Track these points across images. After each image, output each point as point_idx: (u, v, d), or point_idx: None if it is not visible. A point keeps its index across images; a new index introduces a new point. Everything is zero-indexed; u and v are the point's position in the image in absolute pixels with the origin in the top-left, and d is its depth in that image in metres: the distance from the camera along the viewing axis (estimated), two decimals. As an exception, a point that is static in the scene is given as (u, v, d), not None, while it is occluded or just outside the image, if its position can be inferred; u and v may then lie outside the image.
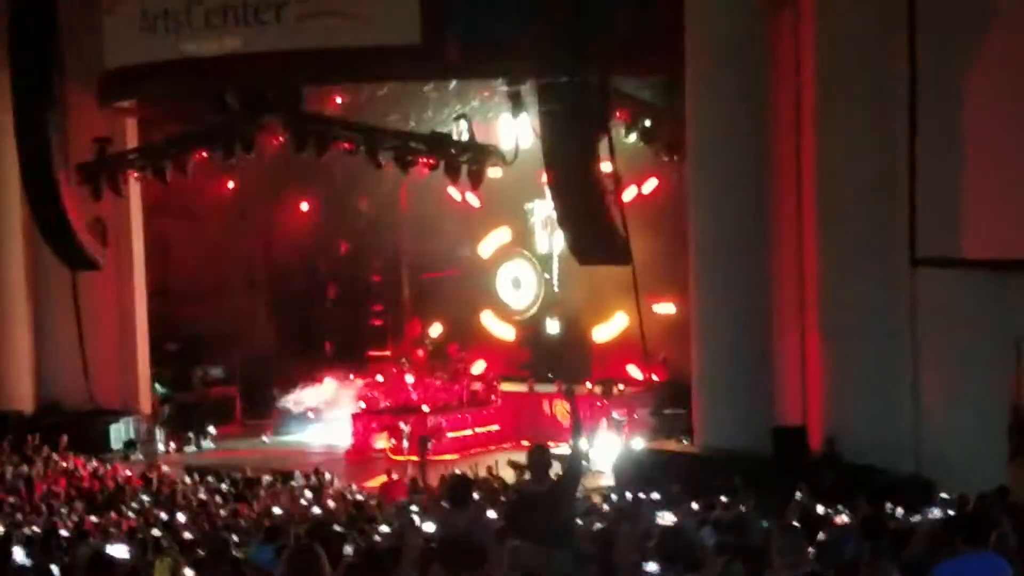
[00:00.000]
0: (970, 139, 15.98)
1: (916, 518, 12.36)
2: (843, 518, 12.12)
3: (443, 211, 24.86)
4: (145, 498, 17.28)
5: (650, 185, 22.85)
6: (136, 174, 22.89)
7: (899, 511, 13.13)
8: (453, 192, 23.76)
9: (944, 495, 14.07)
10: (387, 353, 26.35)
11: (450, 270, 25.93)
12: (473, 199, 24.07)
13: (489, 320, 25.81)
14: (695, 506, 13.66)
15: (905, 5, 16.08)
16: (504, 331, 25.75)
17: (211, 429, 24.80)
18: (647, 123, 20.66)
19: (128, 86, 22.60)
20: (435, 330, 26.09)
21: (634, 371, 23.05)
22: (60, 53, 22.34)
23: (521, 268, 25.31)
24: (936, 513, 12.57)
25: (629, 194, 22.04)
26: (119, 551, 10.81)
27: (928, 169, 16.16)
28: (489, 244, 25.62)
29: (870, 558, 7.87)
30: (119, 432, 23.28)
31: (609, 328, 23.81)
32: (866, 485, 15.41)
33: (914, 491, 15.21)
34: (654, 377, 22.03)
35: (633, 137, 20.82)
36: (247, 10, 20.33)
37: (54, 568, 9.41)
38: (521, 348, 25.38)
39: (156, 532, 12.92)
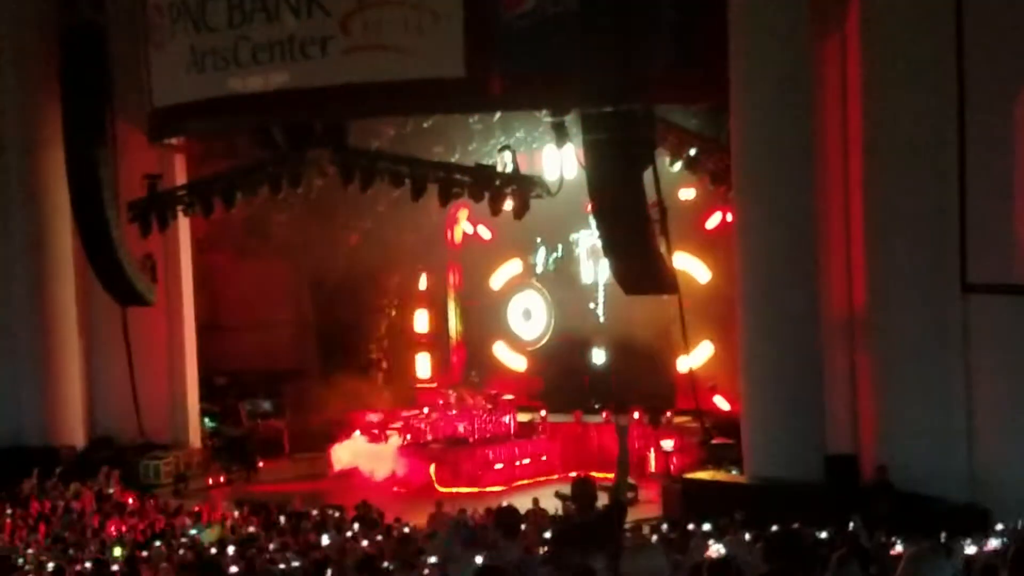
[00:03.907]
0: (1021, 163, 15.80)
1: (972, 548, 12.16)
2: (899, 548, 11.95)
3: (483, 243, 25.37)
4: (194, 532, 17.33)
5: None
6: (185, 210, 23.10)
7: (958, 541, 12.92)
8: (466, 225, 24.25)
9: (1000, 525, 13.84)
10: (434, 385, 26.41)
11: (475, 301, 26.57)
12: (484, 232, 24.46)
13: (502, 351, 26.16)
14: (747, 536, 13.51)
15: (953, 30, 15.96)
16: (516, 361, 26.09)
17: (259, 462, 24.89)
18: (692, 152, 20.58)
19: (177, 123, 22.86)
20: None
21: (721, 401, 22.59)
22: (111, 91, 22.67)
23: (532, 299, 25.51)
24: (994, 544, 12.35)
25: (713, 221, 21.99)
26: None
27: (978, 194, 15.99)
28: (501, 276, 26.06)
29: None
30: (170, 466, 23.42)
31: (694, 358, 22.92)
32: (920, 514, 15.22)
33: (970, 520, 14.97)
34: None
35: (678, 166, 20.76)
36: (293, 46, 20.50)
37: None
38: (533, 377, 25.76)
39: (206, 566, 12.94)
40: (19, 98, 23.15)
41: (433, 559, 11.88)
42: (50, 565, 13.43)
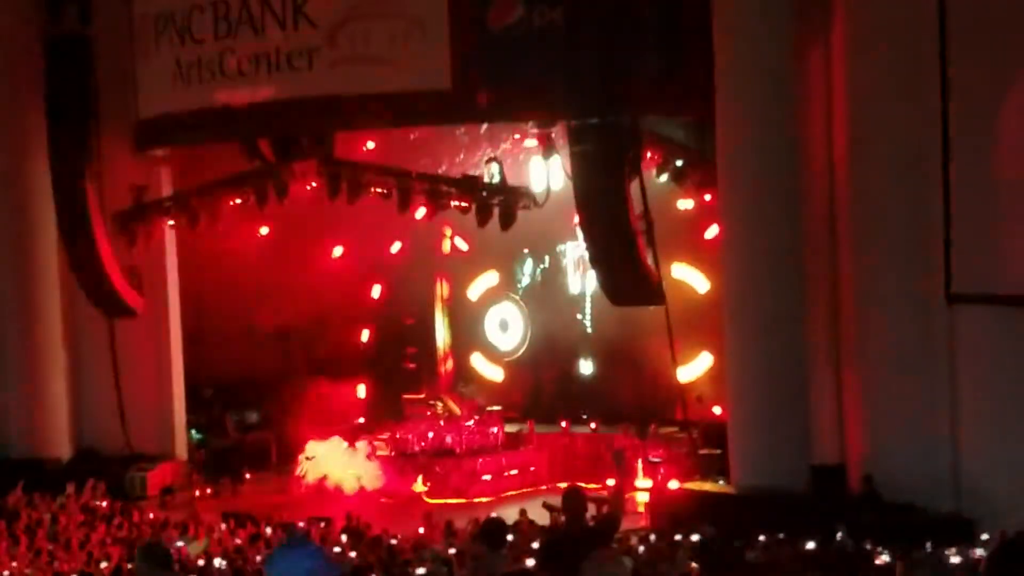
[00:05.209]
0: (1006, 174, 15.89)
1: (957, 558, 12.22)
2: (884, 558, 12.00)
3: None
4: (181, 544, 17.28)
5: None
6: (170, 221, 23.09)
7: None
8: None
9: (985, 535, 13.90)
10: (421, 396, 26.37)
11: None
12: (461, 243, 24.93)
13: (479, 362, 26.29)
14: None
15: (937, 41, 16.05)
16: (493, 372, 26.21)
17: (246, 474, 24.82)
18: (678, 164, 20.63)
19: (163, 134, 22.86)
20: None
21: (719, 411, 22.39)
22: (96, 102, 22.64)
23: (508, 311, 25.65)
24: (979, 554, 12.40)
25: (712, 231, 21.98)
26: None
27: (963, 205, 16.07)
28: (478, 287, 26.15)
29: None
30: (156, 478, 23.34)
31: (693, 368, 22.86)
32: (906, 524, 15.27)
33: (954, 530, 15.03)
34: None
35: (664, 178, 20.80)
36: (279, 57, 20.56)
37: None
38: (510, 389, 25.84)
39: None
40: (3, 109, 23.10)
41: (421, 570, 11.89)
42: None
